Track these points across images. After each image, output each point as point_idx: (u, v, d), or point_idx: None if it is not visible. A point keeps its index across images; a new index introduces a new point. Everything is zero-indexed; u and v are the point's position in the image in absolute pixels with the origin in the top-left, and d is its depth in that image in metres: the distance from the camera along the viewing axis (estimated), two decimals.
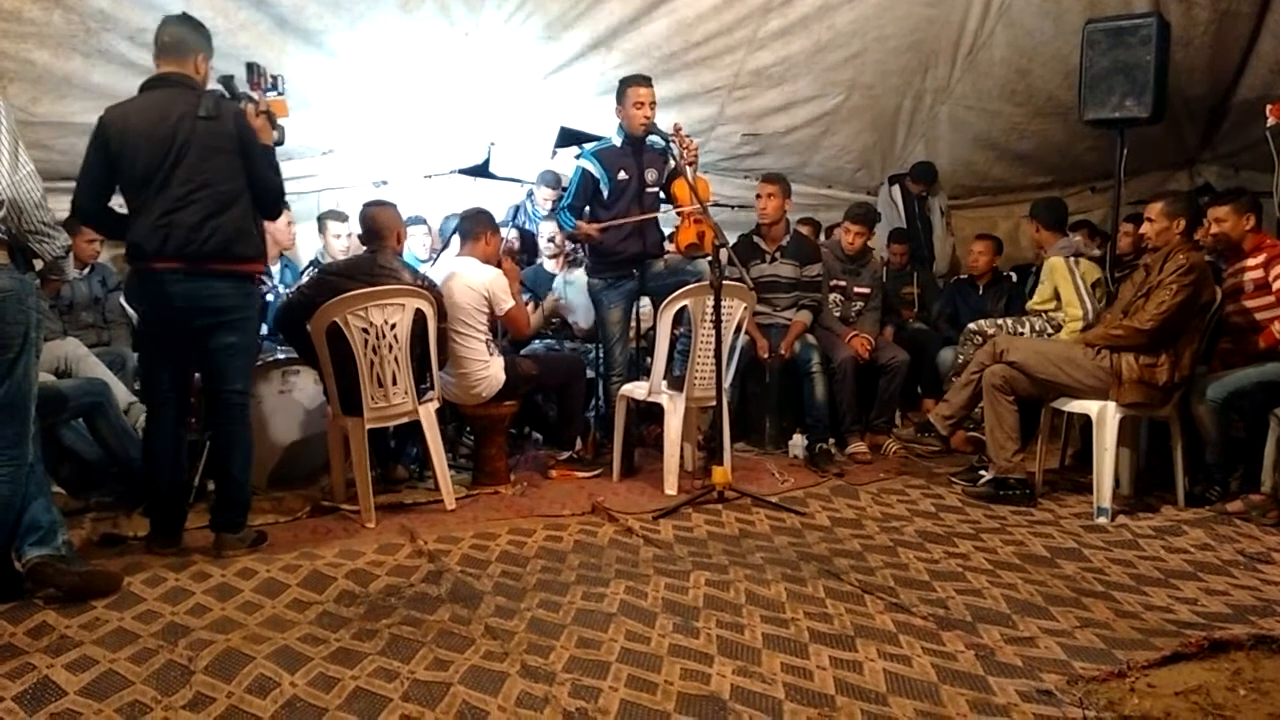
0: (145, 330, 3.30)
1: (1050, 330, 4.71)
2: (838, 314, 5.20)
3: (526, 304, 4.75)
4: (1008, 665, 2.36)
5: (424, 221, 5.57)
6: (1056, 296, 4.74)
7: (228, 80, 3.25)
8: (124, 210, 3.17)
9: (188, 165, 3.03)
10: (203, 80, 3.17)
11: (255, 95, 3.25)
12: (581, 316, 5.12)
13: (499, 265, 4.23)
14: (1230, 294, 4.00)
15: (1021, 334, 4.68)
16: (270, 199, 3.27)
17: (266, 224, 3.37)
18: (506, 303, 4.10)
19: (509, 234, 5.59)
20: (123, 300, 4.66)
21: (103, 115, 3.06)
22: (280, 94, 3.33)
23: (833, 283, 5.20)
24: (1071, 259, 4.71)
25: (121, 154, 3.03)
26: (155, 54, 3.14)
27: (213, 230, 3.07)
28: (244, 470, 3.32)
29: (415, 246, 5.38)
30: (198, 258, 3.06)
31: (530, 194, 6.05)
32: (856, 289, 5.28)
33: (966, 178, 7.20)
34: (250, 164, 3.16)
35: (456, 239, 4.40)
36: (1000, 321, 4.86)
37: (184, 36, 3.13)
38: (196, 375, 3.38)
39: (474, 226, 4.22)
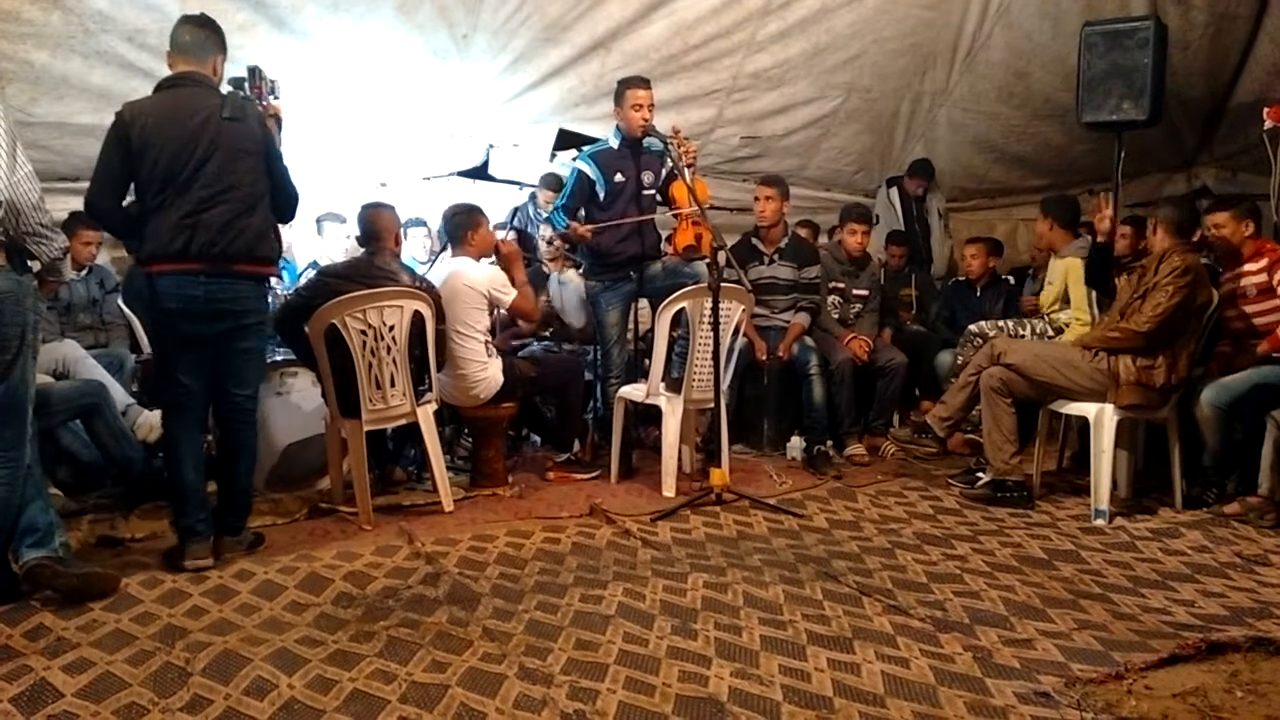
0: (160, 333, 3.20)
1: (1051, 333, 4.70)
2: (836, 316, 5.20)
3: None
4: (1005, 667, 2.37)
5: (424, 223, 5.57)
6: (1066, 299, 4.72)
7: (240, 83, 3.24)
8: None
9: (215, 166, 3.00)
10: (218, 82, 3.16)
11: (254, 99, 3.25)
12: (573, 317, 5.11)
13: (496, 251, 4.21)
14: (1227, 299, 4.01)
15: (1022, 336, 4.68)
16: (290, 203, 3.28)
17: None
18: (508, 297, 4.09)
19: (507, 235, 5.60)
20: (120, 302, 4.67)
21: (121, 111, 3.00)
22: (277, 98, 3.31)
23: (831, 285, 5.21)
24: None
25: (144, 151, 2.96)
26: (171, 53, 3.10)
27: (240, 231, 3.04)
28: (249, 474, 3.32)
29: (414, 248, 5.39)
30: (223, 258, 3.03)
31: (533, 196, 6.06)
32: (855, 291, 5.28)
33: (965, 180, 7.21)
34: (272, 167, 3.16)
35: None
36: (1001, 323, 4.85)
37: (205, 38, 3.11)
38: None
39: (457, 229, 4.16)
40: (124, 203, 3.08)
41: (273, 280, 3.72)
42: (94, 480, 3.91)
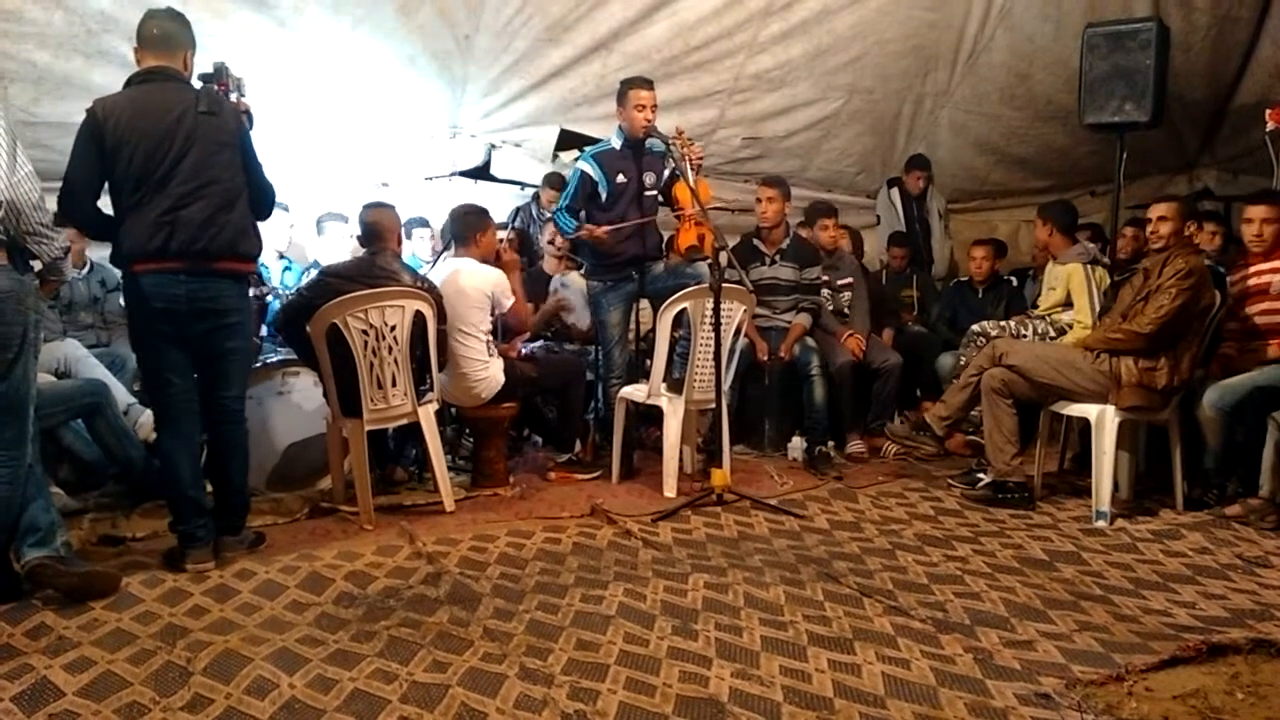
0: (144, 332, 3.11)
1: (1053, 333, 4.70)
2: (830, 308, 5.20)
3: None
4: (1006, 669, 2.37)
5: (427, 223, 5.57)
6: (1067, 302, 4.71)
7: (209, 78, 3.18)
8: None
9: (193, 161, 2.95)
10: (189, 76, 3.10)
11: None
12: (579, 317, 5.12)
13: (498, 257, 4.21)
14: (1239, 299, 3.99)
15: (1024, 336, 4.67)
16: (267, 199, 3.25)
17: None
18: (509, 302, 4.10)
19: (508, 235, 5.60)
20: (122, 301, 4.66)
21: (93, 108, 2.93)
22: (244, 95, 3.24)
23: None
24: (1088, 266, 4.62)
25: (119, 148, 2.90)
26: (139, 48, 3.02)
27: (221, 227, 3.00)
28: (243, 475, 3.31)
29: (419, 248, 5.39)
30: (204, 256, 2.98)
31: (535, 196, 6.06)
32: (839, 281, 5.29)
33: (966, 182, 7.21)
34: (248, 162, 3.13)
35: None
36: (1003, 323, 4.85)
37: (174, 31, 3.05)
38: None
39: (464, 229, 4.17)
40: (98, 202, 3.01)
41: (268, 277, 3.67)
42: (95, 479, 3.90)
